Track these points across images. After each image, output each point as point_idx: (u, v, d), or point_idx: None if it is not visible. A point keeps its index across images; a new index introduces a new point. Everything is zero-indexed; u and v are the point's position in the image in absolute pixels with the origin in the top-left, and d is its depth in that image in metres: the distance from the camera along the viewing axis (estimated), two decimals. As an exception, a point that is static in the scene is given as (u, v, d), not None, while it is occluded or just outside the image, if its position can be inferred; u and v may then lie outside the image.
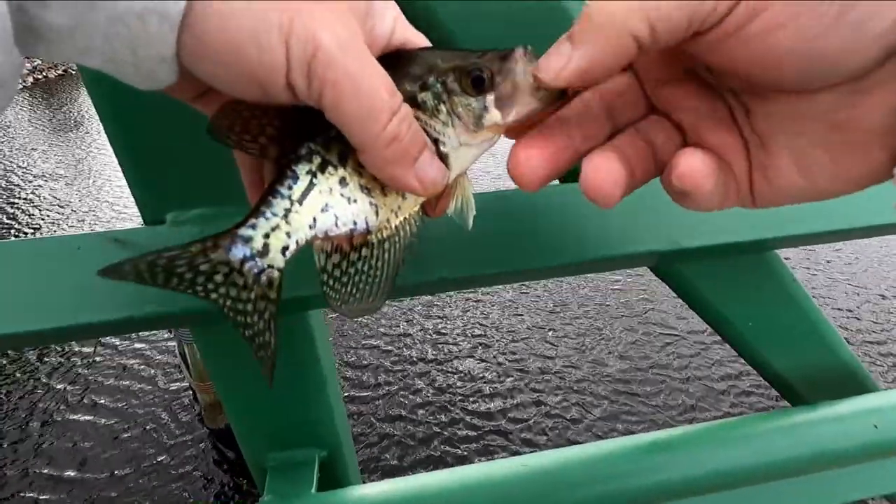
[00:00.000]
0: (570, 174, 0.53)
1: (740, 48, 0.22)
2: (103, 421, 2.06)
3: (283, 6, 0.23)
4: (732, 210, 0.52)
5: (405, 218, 0.29)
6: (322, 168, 0.27)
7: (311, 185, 0.27)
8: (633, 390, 1.99)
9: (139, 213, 0.45)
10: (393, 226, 0.29)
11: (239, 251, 0.26)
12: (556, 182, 0.53)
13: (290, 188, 0.27)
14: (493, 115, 0.27)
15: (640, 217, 0.51)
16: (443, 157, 0.28)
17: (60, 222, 3.68)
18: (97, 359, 2.36)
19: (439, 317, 2.42)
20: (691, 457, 0.58)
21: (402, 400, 2.02)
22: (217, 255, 0.26)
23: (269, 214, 0.27)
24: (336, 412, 0.62)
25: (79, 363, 2.34)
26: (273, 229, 0.27)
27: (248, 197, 0.31)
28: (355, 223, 0.28)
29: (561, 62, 0.24)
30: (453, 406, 1.99)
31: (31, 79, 7.49)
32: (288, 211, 0.27)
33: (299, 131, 0.27)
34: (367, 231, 0.28)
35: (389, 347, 2.28)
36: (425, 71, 0.28)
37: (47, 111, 6.38)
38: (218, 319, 0.50)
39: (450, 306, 2.50)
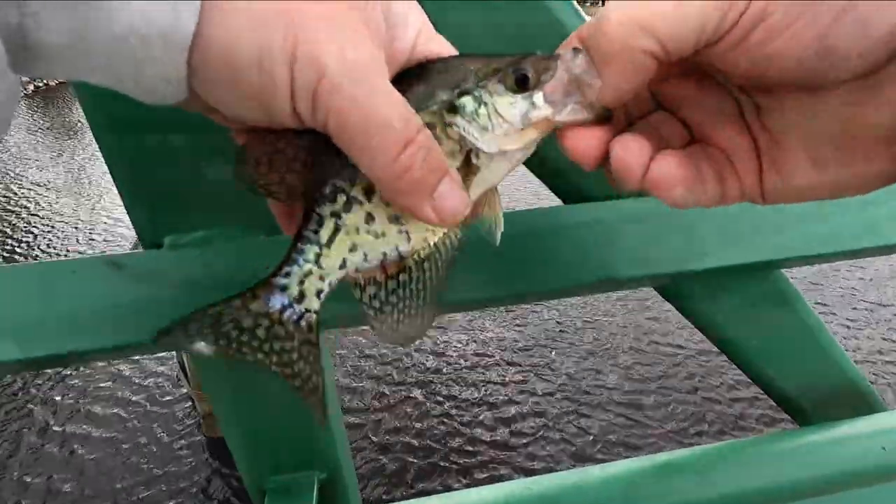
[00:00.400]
0: (575, 196, 0.52)
1: (747, 53, 0.22)
2: (84, 452, 1.96)
3: (288, 23, 0.22)
4: (737, 231, 0.52)
5: (445, 233, 0.29)
6: (347, 207, 0.26)
7: (336, 228, 0.26)
8: (640, 412, 1.96)
9: (130, 230, 0.44)
10: (432, 244, 0.28)
11: (277, 301, 0.27)
12: (561, 203, 0.53)
13: (316, 232, 0.26)
14: (543, 111, 0.26)
15: (645, 239, 0.50)
16: (474, 171, 0.27)
17: (53, 233, 3.64)
18: (78, 382, 2.27)
19: (439, 335, 2.39)
20: (696, 479, 0.57)
21: (401, 422, 1.99)
22: (256, 306, 0.26)
23: (301, 261, 0.27)
24: (336, 433, 0.61)
25: (57, 387, 2.26)
26: (306, 275, 0.27)
27: (279, 224, 0.30)
28: (385, 254, 0.27)
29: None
30: (454, 428, 1.96)
31: (31, 86, 7.50)
32: (318, 255, 0.27)
33: (326, 166, 0.26)
34: (400, 258, 0.28)
35: (387, 368, 2.25)
36: (462, 76, 0.27)
37: (46, 119, 6.37)
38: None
39: (449, 322, 2.47)
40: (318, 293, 0.27)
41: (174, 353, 2.52)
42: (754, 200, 0.27)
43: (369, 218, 0.27)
